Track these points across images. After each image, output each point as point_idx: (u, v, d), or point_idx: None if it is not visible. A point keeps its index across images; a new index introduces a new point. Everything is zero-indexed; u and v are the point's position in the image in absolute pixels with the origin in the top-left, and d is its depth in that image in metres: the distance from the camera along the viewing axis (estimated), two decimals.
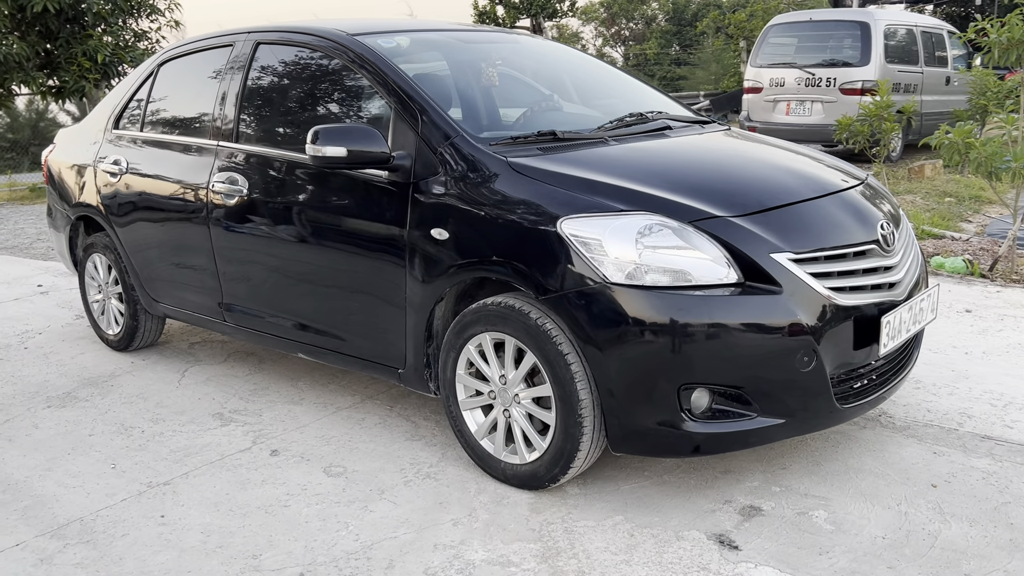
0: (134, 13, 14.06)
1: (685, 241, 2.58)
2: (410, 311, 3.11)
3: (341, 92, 3.52)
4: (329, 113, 3.53)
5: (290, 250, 3.48)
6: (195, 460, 3.33)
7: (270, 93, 3.72)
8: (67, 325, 5.31)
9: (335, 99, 3.54)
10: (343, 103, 3.51)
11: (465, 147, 2.99)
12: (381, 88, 3.24)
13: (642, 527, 2.66)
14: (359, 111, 3.43)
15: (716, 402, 2.62)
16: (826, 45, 11.76)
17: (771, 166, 3.13)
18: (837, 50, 11.57)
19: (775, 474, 2.95)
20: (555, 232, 2.66)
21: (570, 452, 2.73)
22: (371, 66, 3.30)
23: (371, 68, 3.29)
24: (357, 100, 3.46)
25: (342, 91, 3.52)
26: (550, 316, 2.71)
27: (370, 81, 3.31)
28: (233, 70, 3.82)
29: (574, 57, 4.21)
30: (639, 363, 2.56)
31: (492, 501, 2.87)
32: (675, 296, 2.53)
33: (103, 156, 4.45)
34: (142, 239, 4.24)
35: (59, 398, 4.07)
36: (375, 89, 3.30)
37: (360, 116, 3.41)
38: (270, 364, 4.40)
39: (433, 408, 3.71)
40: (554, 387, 2.71)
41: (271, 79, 3.72)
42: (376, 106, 3.35)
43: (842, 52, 11.48)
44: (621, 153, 3.07)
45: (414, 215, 3.02)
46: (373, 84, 3.29)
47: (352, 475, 3.13)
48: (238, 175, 3.63)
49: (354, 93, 3.48)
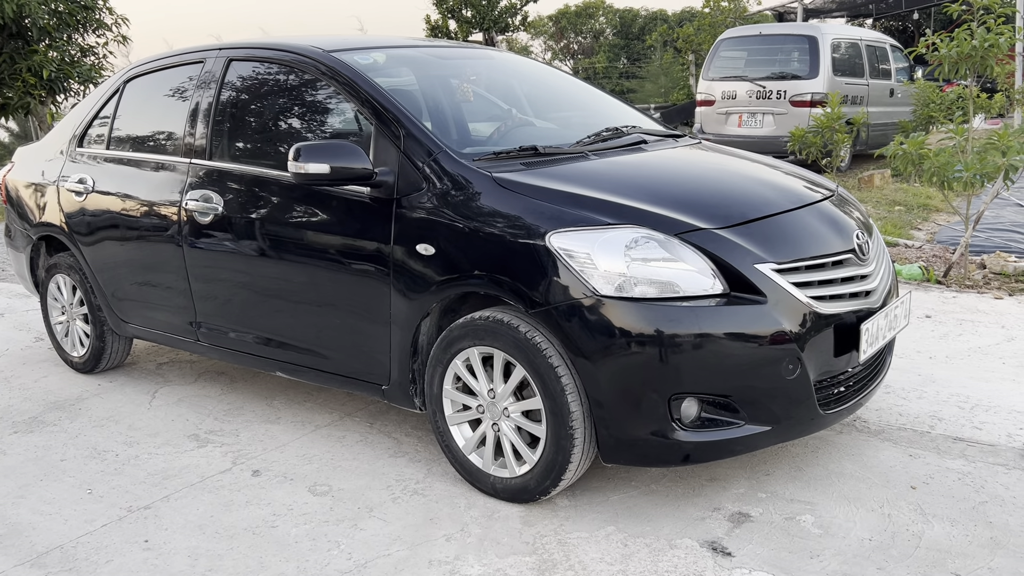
0: (80, 28, 13.82)
1: (672, 253, 2.63)
2: (395, 327, 3.10)
3: (318, 109, 3.51)
4: (307, 130, 3.52)
5: (268, 268, 3.45)
6: (175, 483, 3.27)
7: (245, 110, 3.69)
8: (27, 348, 5.19)
9: (312, 116, 3.53)
10: (321, 120, 3.50)
11: (449, 163, 3.00)
12: (360, 105, 3.24)
13: (635, 536, 2.69)
14: (337, 128, 3.42)
15: (705, 411, 2.66)
16: (775, 59, 12.02)
17: (749, 178, 3.20)
18: (786, 63, 11.83)
19: (760, 480, 3.01)
20: (544, 246, 2.69)
21: (561, 464, 2.75)
22: (349, 83, 3.29)
23: (349, 85, 3.29)
24: (335, 117, 3.45)
25: (319, 108, 3.51)
26: (539, 329, 2.73)
27: (349, 98, 3.30)
28: (205, 87, 3.78)
29: (546, 72, 4.26)
30: (629, 374, 2.59)
31: (483, 515, 2.88)
32: (664, 307, 2.57)
33: (67, 175, 4.36)
34: (110, 259, 4.17)
35: (25, 423, 3.97)
36: (354, 106, 3.29)
37: (338, 133, 3.41)
38: (242, 383, 4.35)
39: (414, 424, 3.70)
40: (544, 400, 2.73)
41: (245, 96, 3.69)
42: (355, 123, 3.35)
43: (791, 65, 11.74)
44: (603, 167, 3.11)
45: (398, 231, 3.02)
46: (352, 101, 3.29)
47: (338, 493, 3.11)
48: (213, 193, 3.59)
49: (332, 110, 3.47)
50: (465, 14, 17.77)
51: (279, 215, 3.38)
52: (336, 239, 3.21)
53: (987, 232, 7.27)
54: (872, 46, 12.47)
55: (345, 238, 3.19)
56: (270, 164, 3.48)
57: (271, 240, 3.41)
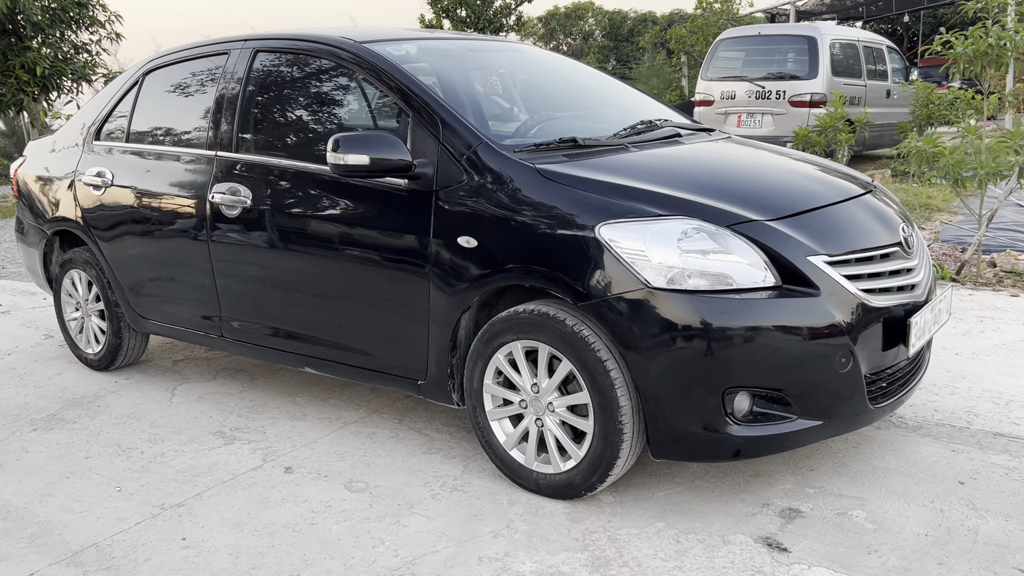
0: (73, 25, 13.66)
1: (724, 245, 2.59)
2: (433, 321, 3.05)
3: (350, 100, 3.46)
4: (339, 122, 3.46)
5: (299, 261, 3.39)
6: (206, 480, 3.21)
7: (273, 102, 3.63)
8: (37, 345, 5.10)
9: (344, 108, 3.48)
10: (353, 112, 3.45)
11: (490, 155, 2.96)
12: (397, 96, 3.19)
13: (686, 533, 2.65)
14: (372, 119, 3.37)
15: (756, 405, 2.63)
16: (774, 59, 12.04)
17: (791, 171, 3.17)
18: (785, 64, 11.85)
19: (805, 476, 2.98)
20: (593, 238, 2.65)
21: (609, 459, 2.71)
22: (384, 74, 3.24)
23: (385, 76, 3.24)
24: (369, 108, 3.40)
25: (351, 99, 3.46)
26: (587, 323, 2.69)
27: (384, 89, 3.25)
28: (230, 79, 3.72)
29: (572, 66, 4.22)
30: (683, 368, 2.55)
31: (528, 512, 2.83)
32: (718, 300, 2.54)
33: (84, 168, 4.29)
34: (129, 253, 4.10)
35: (44, 420, 3.89)
36: (389, 97, 3.24)
37: (374, 124, 3.36)
38: (263, 380, 4.29)
39: (444, 420, 3.65)
40: (592, 394, 2.69)
41: (274, 88, 3.63)
42: (390, 114, 3.31)
43: (790, 66, 11.76)
44: (645, 159, 3.08)
45: (438, 223, 2.98)
46: (387, 92, 3.23)
47: (376, 490, 3.06)
48: (241, 186, 3.53)
49: (364, 101, 3.42)
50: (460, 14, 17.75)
51: (311, 208, 3.32)
52: (371, 232, 3.16)
53: (991, 231, 7.29)
54: (869, 47, 12.51)
55: (381, 231, 3.13)
56: (301, 156, 3.42)
57: (302, 233, 3.35)
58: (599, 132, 3.37)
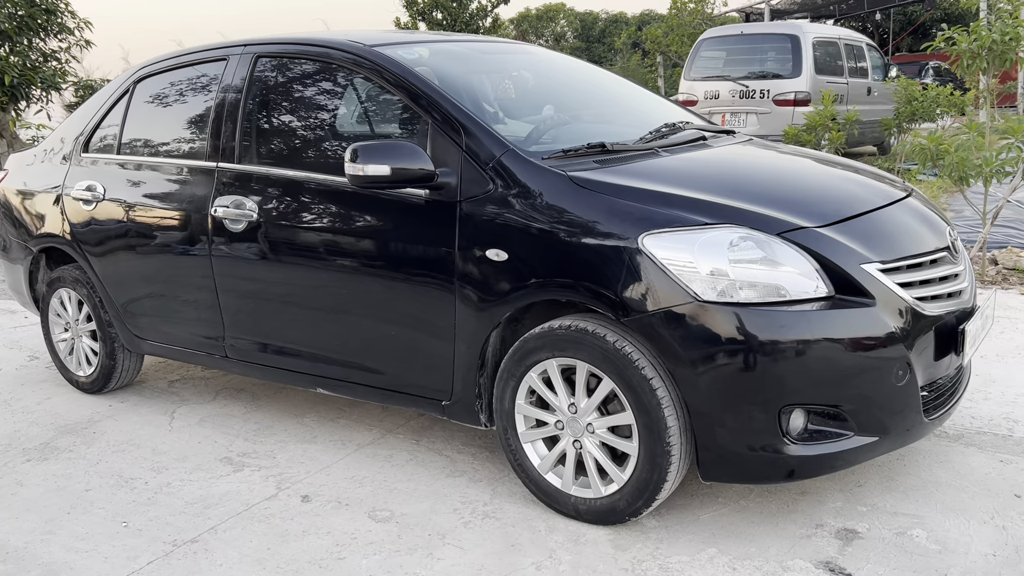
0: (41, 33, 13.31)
1: (775, 254, 2.46)
2: (460, 338, 2.89)
3: (362, 107, 3.29)
4: (350, 130, 3.29)
5: (311, 277, 3.21)
6: (218, 512, 3.02)
7: (278, 110, 3.44)
8: (21, 368, 4.86)
9: (356, 115, 3.31)
10: (367, 119, 3.28)
11: (518, 163, 2.80)
12: (413, 102, 3.02)
13: (741, 559, 2.51)
14: (386, 127, 3.20)
15: (811, 422, 2.49)
16: (757, 58, 11.99)
17: (830, 174, 3.05)
18: (769, 63, 11.80)
19: (854, 493, 2.85)
20: (636, 249, 2.50)
21: (656, 483, 2.56)
22: (400, 80, 3.07)
23: (400, 82, 3.07)
24: (381, 116, 3.23)
25: (363, 106, 3.29)
26: (630, 339, 2.55)
27: (399, 95, 3.08)
28: (230, 86, 3.53)
29: (583, 67, 4.07)
30: (737, 385, 2.41)
31: (568, 540, 2.68)
32: (773, 313, 2.40)
33: (72, 182, 4.07)
34: (123, 271, 3.89)
35: (38, 449, 3.67)
36: (405, 103, 3.07)
37: (387, 133, 3.19)
38: (266, 401, 4.10)
39: (464, 440, 3.48)
40: (637, 415, 2.54)
41: (279, 95, 3.45)
42: (405, 121, 3.13)
43: (774, 64, 11.71)
44: (679, 164, 2.94)
45: (464, 236, 2.82)
46: (403, 98, 3.06)
47: (402, 519, 2.89)
48: (246, 199, 3.35)
49: (377, 108, 3.25)
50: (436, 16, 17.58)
51: (323, 221, 3.15)
52: (390, 245, 2.99)
53: None
54: (850, 45, 12.50)
55: (401, 244, 2.97)
56: (311, 167, 3.25)
57: (315, 248, 3.17)
58: (621, 136, 3.22)
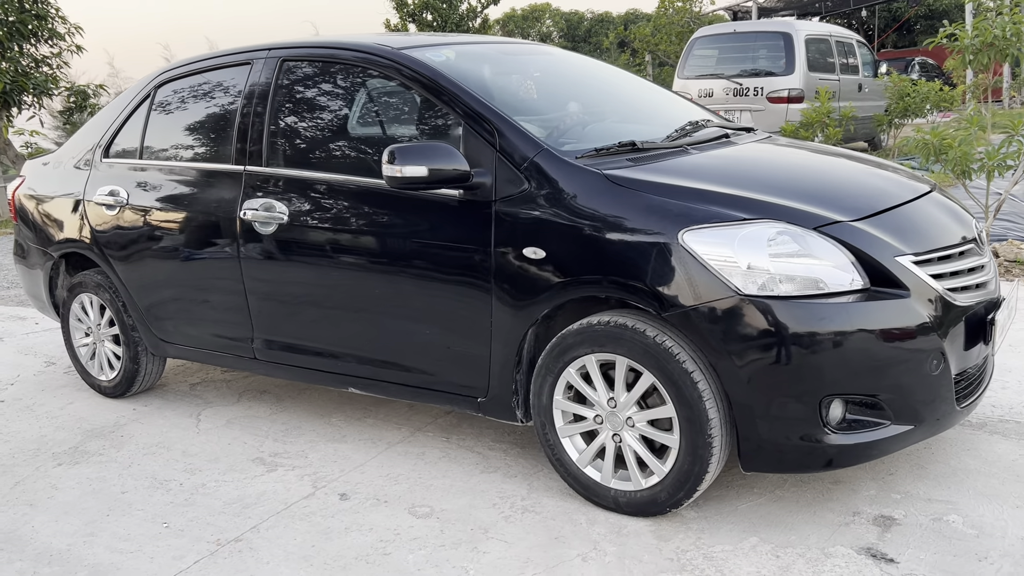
0: (31, 40, 13.25)
1: (813, 248, 2.51)
2: (496, 335, 2.93)
3: (392, 110, 3.33)
4: (381, 132, 3.33)
5: (343, 278, 3.25)
6: (258, 511, 3.05)
7: (306, 113, 3.47)
8: (39, 373, 4.87)
9: (385, 117, 3.35)
10: (397, 121, 3.32)
11: (552, 162, 2.85)
12: (446, 104, 3.06)
13: (783, 547, 2.56)
14: (417, 129, 3.24)
15: (849, 412, 2.55)
16: (750, 55, 12.08)
17: (856, 169, 3.11)
18: (762, 60, 11.89)
19: (886, 481, 2.91)
20: (676, 245, 2.55)
21: (698, 474, 2.61)
22: (430, 82, 3.11)
23: (432, 84, 3.10)
24: (413, 117, 3.27)
25: (393, 108, 3.33)
26: (670, 333, 2.60)
27: (430, 97, 3.12)
28: (256, 90, 3.56)
29: (602, 67, 4.12)
30: (779, 377, 2.46)
31: (610, 532, 2.72)
32: (812, 305, 2.45)
33: (94, 188, 4.09)
34: (148, 275, 3.91)
35: (67, 454, 3.69)
36: (436, 105, 3.11)
37: (420, 134, 3.22)
38: (290, 402, 4.13)
39: (494, 437, 3.53)
40: (678, 408, 2.59)
41: (306, 98, 3.48)
42: (437, 123, 3.17)
43: (767, 62, 11.81)
44: (709, 161, 2.99)
45: (500, 234, 2.86)
46: (435, 100, 3.10)
47: (443, 515, 2.93)
48: (275, 201, 3.38)
49: (407, 110, 3.29)
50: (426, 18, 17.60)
51: (356, 222, 3.18)
52: (424, 245, 3.03)
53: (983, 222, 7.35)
54: (841, 42, 12.62)
55: (435, 244, 3.01)
56: (340, 169, 3.28)
57: (347, 248, 3.21)
58: (646, 134, 3.27)
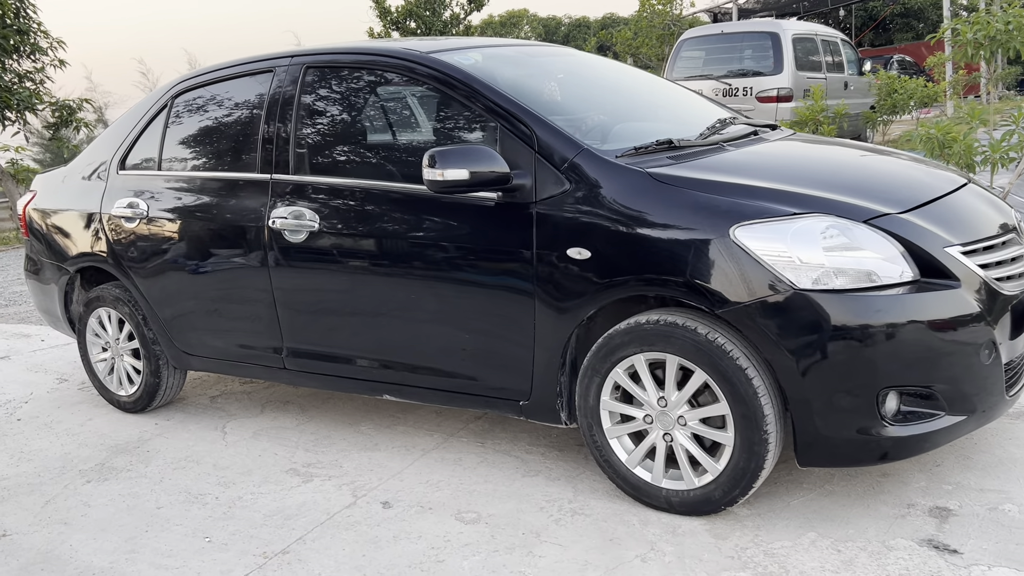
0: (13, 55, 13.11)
1: (864, 240, 2.51)
2: (540, 337, 2.91)
3: (425, 113, 3.31)
4: (412, 136, 3.31)
5: (379, 285, 3.22)
6: (301, 523, 3.01)
7: (335, 119, 3.44)
8: (53, 390, 4.80)
9: (418, 121, 3.32)
10: (428, 125, 3.30)
11: (593, 161, 2.84)
12: (481, 107, 3.04)
13: (842, 541, 2.56)
14: (450, 132, 3.22)
15: (904, 404, 2.55)
16: (738, 56, 12.15)
17: (894, 163, 3.12)
18: (750, 60, 11.96)
19: (935, 472, 2.91)
20: (728, 241, 2.54)
21: (754, 471, 2.60)
22: (464, 85, 3.09)
23: (464, 87, 3.09)
24: (446, 121, 3.25)
25: (425, 112, 3.31)
26: (722, 330, 2.59)
27: (463, 100, 3.09)
28: (280, 97, 3.52)
29: (621, 67, 4.12)
30: (837, 371, 2.46)
31: (665, 532, 2.71)
32: (867, 298, 2.45)
33: (112, 200, 4.03)
34: (171, 287, 3.86)
35: (94, 471, 3.63)
36: (469, 108, 3.09)
37: (454, 138, 3.20)
38: (315, 411, 4.08)
39: (529, 440, 3.50)
40: (733, 405, 2.58)
41: (333, 104, 3.45)
42: (471, 126, 3.15)
43: (755, 62, 11.87)
44: (747, 158, 2.99)
45: (542, 236, 2.84)
46: (468, 103, 3.08)
47: (491, 520, 2.90)
48: (305, 209, 3.35)
49: (441, 114, 3.26)
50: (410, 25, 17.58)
51: (390, 228, 3.15)
52: (461, 249, 3.00)
53: None
54: (826, 41, 12.71)
55: (473, 247, 2.98)
56: (373, 174, 3.26)
57: (381, 255, 3.18)
58: (677, 133, 3.26)
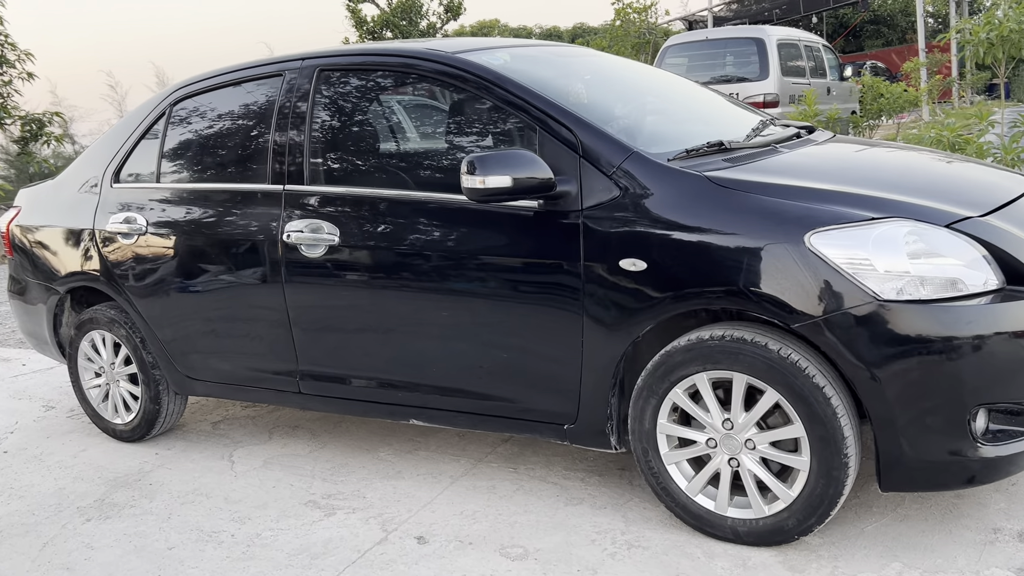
0: None
1: (948, 246, 2.33)
2: (588, 355, 2.70)
3: (454, 117, 3.09)
4: (443, 142, 3.08)
5: (407, 302, 2.99)
6: (330, 562, 2.77)
7: (354, 125, 3.21)
8: (40, 419, 4.50)
9: (446, 126, 3.10)
10: (457, 129, 3.07)
11: (645, 166, 2.63)
12: (517, 110, 2.82)
13: (932, 572, 2.36)
14: (482, 137, 3.00)
15: (993, 422, 2.37)
16: (722, 62, 12.08)
17: (956, 166, 2.96)
18: (735, 66, 11.89)
19: (1013, 493, 2.74)
20: (802, 249, 2.35)
21: (832, 497, 2.40)
22: (497, 86, 2.87)
23: (498, 88, 2.87)
24: (477, 125, 3.03)
25: (452, 116, 3.09)
26: (795, 346, 2.39)
27: (496, 103, 2.88)
28: (291, 103, 3.28)
29: (644, 68, 3.94)
30: (927, 388, 2.27)
31: (735, 565, 2.50)
32: (957, 308, 2.27)
33: (106, 216, 3.76)
34: (173, 307, 3.60)
35: (94, 507, 3.35)
36: (502, 110, 2.88)
37: (486, 142, 2.98)
38: (327, 437, 3.83)
39: (565, 465, 3.28)
40: (809, 427, 2.38)
41: (353, 109, 3.22)
42: (504, 129, 2.94)
43: (740, 68, 11.80)
44: (805, 160, 2.81)
45: (590, 246, 2.63)
46: (503, 106, 2.86)
47: (539, 555, 2.67)
48: (323, 222, 3.11)
49: (471, 117, 3.04)
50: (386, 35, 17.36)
51: (420, 240, 2.93)
52: (498, 262, 2.79)
53: None
54: (809, 46, 12.68)
55: (512, 260, 2.77)
56: (398, 184, 3.03)
57: (410, 269, 2.95)
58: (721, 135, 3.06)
